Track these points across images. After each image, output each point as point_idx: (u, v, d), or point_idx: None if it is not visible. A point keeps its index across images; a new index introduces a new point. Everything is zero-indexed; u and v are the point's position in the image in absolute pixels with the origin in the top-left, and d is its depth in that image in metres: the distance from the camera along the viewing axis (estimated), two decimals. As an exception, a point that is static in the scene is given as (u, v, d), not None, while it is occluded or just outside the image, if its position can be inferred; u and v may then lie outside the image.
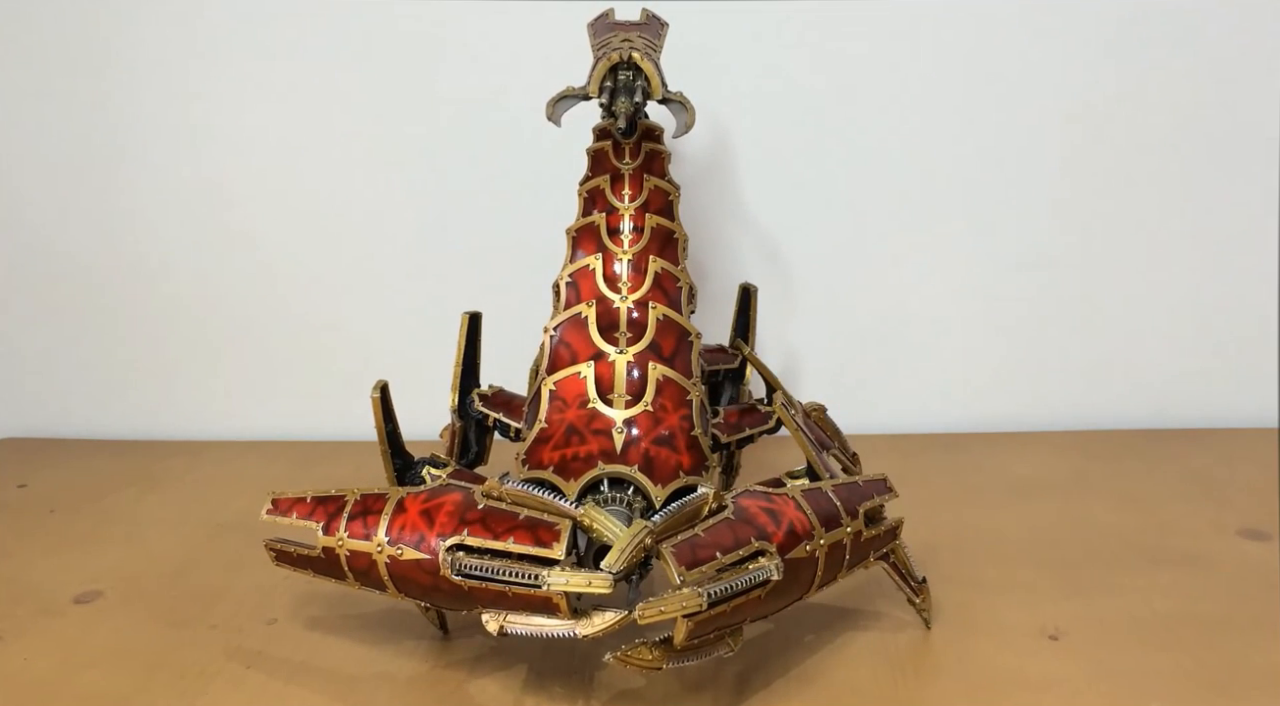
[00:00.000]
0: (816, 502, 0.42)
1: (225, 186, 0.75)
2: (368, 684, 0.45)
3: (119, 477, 0.70)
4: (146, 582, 0.55)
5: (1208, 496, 0.62)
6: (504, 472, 0.43)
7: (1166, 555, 0.55)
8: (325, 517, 0.43)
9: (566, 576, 0.37)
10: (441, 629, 0.48)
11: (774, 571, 0.38)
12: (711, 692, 0.43)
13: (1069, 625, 0.48)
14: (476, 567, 0.39)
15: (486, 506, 0.40)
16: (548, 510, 0.39)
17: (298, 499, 0.44)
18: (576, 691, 0.43)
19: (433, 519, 0.40)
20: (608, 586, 0.37)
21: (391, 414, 0.47)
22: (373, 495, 0.43)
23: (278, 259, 0.76)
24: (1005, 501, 0.62)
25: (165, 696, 0.44)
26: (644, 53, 0.46)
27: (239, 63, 0.73)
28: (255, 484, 0.68)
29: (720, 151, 0.73)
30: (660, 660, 0.38)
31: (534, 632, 0.39)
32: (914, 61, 0.71)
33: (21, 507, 0.66)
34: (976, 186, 0.73)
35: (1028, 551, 0.55)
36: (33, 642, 0.49)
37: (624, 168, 0.47)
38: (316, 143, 0.74)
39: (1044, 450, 0.70)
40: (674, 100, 0.46)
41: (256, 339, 0.78)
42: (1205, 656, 0.45)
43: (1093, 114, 0.71)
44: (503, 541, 0.38)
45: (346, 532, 0.42)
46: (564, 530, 0.38)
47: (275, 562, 0.45)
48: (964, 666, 0.45)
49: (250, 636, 0.49)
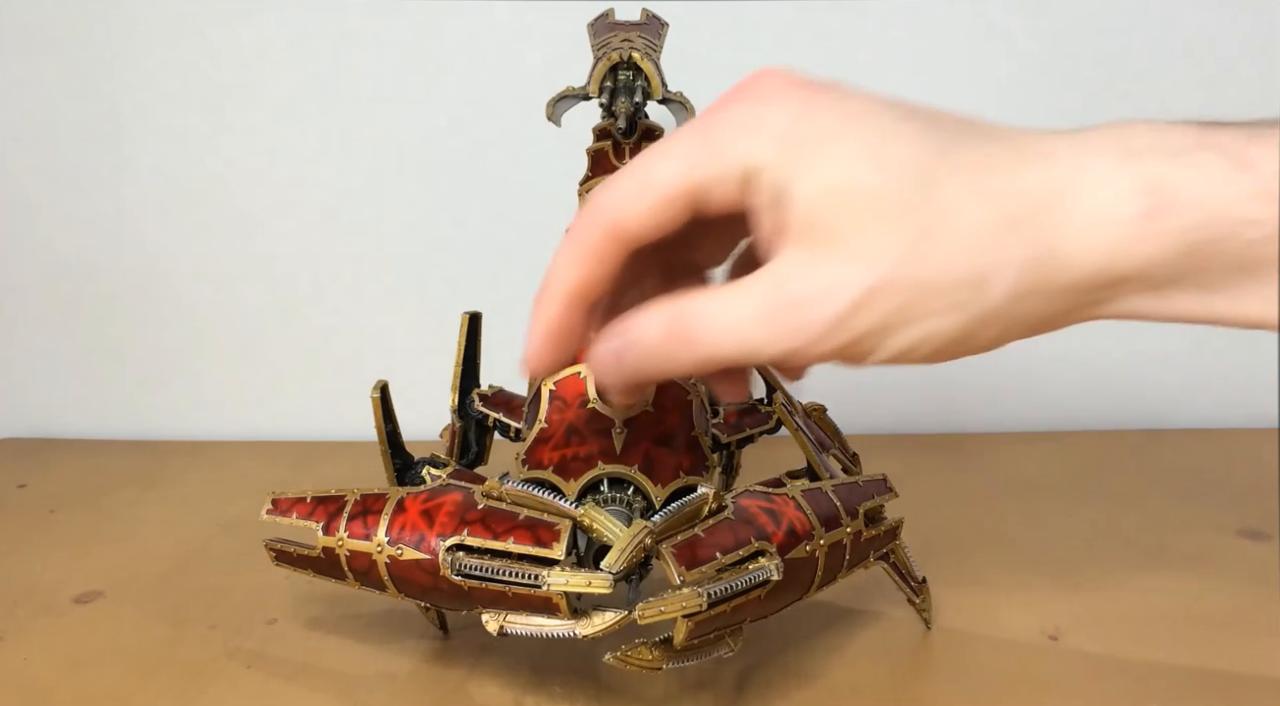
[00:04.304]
0: (816, 502, 0.42)
1: (225, 187, 0.75)
2: (368, 684, 0.45)
3: (119, 477, 0.70)
4: (146, 582, 0.55)
5: (1208, 496, 0.62)
6: (504, 473, 0.43)
7: (1166, 555, 0.55)
8: (325, 517, 0.43)
9: (567, 576, 0.37)
10: (441, 629, 0.48)
11: (774, 571, 0.38)
12: (711, 692, 0.43)
13: (1069, 625, 0.48)
14: (476, 567, 0.39)
15: (486, 506, 0.40)
16: (548, 510, 0.39)
17: (298, 499, 0.44)
18: (576, 691, 0.43)
19: (433, 519, 0.40)
20: (607, 586, 0.37)
21: (391, 414, 0.47)
22: (373, 495, 0.43)
23: (278, 259, 0.76)
24: (1005, 501, 0.62)
25: (165, 696, 0.44)
26: (644, 53, 0.46)
27: (237, 63, 0.73)
28: (255, 484, 0.68)
29: (720, 151, 0.73)
30: (660, 660, 0.38)
31: (534, 633, 0.39)
32: (914, 61, 0.71)
33: (21, 507, 0.66)
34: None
35: (1028, 551, 0.55)
36: (33, 642, 0.49)
37: (624, 168, 0.47)
38: (316, 143, 0.74)
39: (1044, 450, 0.70)
40: (674, 100, 0.46)
41: (256, 339, 0.78)
42: (1205, 656, 0.45)
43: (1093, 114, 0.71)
44: (502, 541, 0.38)
45: (346, 532, 0.42)
46: (564, 530, 0.38)
47: (275, 562, 0.45)
48: (964, 666, 0.45)
49: (250, 636, 0.49)
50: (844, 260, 0.30)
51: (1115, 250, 0.29)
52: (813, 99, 0.32)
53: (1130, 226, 0.29)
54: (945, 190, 0.30)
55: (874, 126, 0.31)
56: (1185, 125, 0.30)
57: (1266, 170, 0.28)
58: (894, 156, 0.30)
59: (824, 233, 0.30)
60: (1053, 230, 0.29)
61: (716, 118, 0.32)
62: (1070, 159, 0.30)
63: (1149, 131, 0.30)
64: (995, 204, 0.30)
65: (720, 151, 0.31)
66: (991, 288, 0.30)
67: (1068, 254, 0.29)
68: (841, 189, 0.30)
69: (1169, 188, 0.29)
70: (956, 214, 0.30)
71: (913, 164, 0.30)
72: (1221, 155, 0.29)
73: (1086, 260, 0.29)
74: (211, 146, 0.75)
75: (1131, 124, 0.30)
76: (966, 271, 0.30)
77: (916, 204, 0.30)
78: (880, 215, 0.30)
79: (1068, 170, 0.30)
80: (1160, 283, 0.30)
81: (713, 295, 0.32)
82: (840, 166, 0.30)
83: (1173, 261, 0.29)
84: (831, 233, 0.30)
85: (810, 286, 0.30)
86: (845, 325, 0.30)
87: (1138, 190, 0.29)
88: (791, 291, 0.31)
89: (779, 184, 0.31)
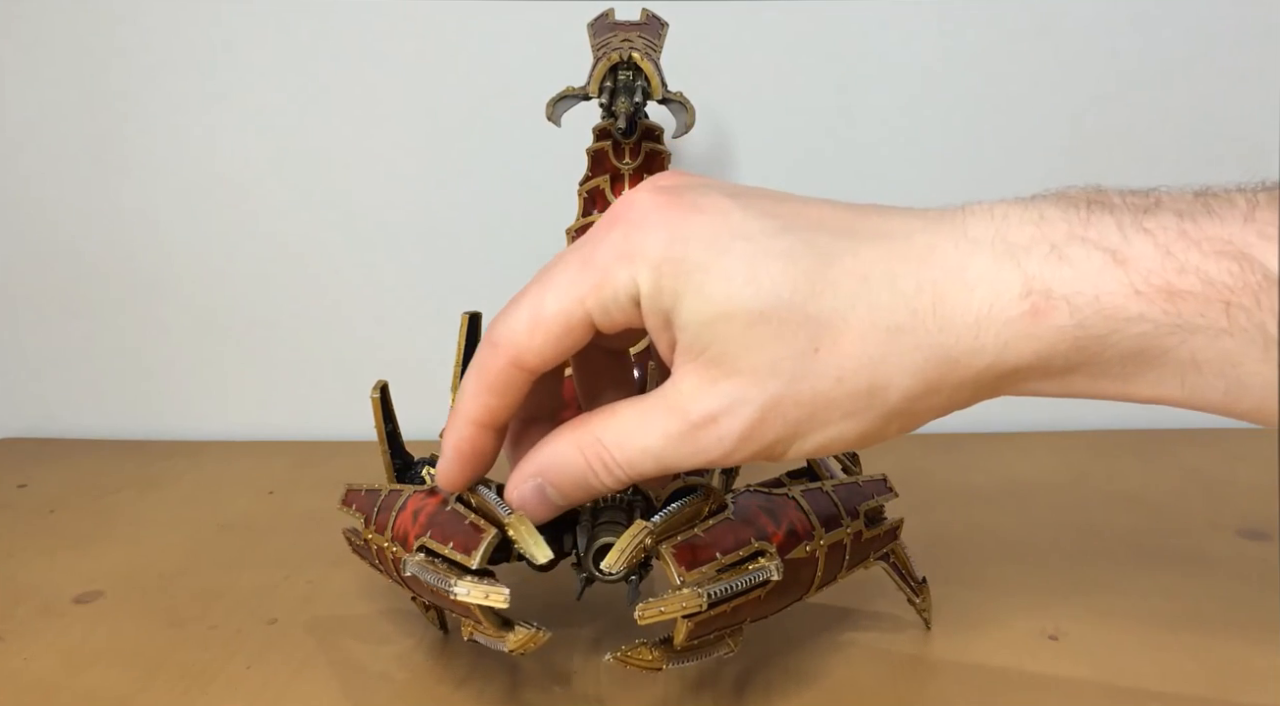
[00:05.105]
0: (816, 502, 0.42)
1: (226, 187, 0.75)
2: (368, 684, 0.45)
3: (119, 477, 0.70)
4: (146, 582, 0.55)
5: (1208, 496, 0.62)
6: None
7: (1166, 555, 0.55)
8: (369, 511, 0.43)
9: (468, 586, 0.36)
10: (441, 629, 0.48)
11: (774, 571, 0.38)
12: (711, 692, 0.43)
13: (1069, 625, 0.48)
14: (421, 571, 0.38)
15: (451, 510, 0.40)
16: (486, 516, 0.39)
17: (369, 490, 0.45)
18: (577, 691, 0.43)
19: (417, 519, 0.41)
20: (503, 601, 0.36)
21: (391, 414, 0.47)
22: (395, 491, 0.43)
23: (278, 259, 0.76)
24: (1005, 501, 0.62)
25: (165, 696, 0.44)
26: (644, 53, 0.46)
27: (237, 63, 0.73)
28: (255, 484, 0.68)
29: (720, 151, 0.73)
30: (660, 660, 0.38)
31: (488, 643, 0.38)
32: (915, 61, 0.71)
33: (21, 507, 0.66)
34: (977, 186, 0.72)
35: (1028, 551, 0.55)
36: (33, 642, 0.49)
37: (624, 168, 0.47)
38: (317, 144, 0.74)
39: (1044, 450, 0.70)
40: (674, 100, 0.46)
41: (256, 339, 0.78)
42: (1205, 656, 0.45)
43: (1095, 114, 0.71)
44: (445, 546, 0.38)
45: (375, 527, 0.42)
46: (486, 538, 0.37)
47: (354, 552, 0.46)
48: (964, 666, 0.45)
49: (250, 636, 0.49)
50: (737, 380, 0.31)
51: (1004, 347, 0.29)
52: (685, 220, 0.32)
53: (1016, 326, 0.29)
54: (825, 304, 0.30)
55: (748, 246, 0.31)
56: (1067, 209, 0.30)
57: (1144, 265, 0.28)
58: (770, 276, 0.31)
59: (715, 355, 0.31)
60: (939, 333, 0.30)
61: (597, 246, 0.33)
62: (950, 257, 0.30)
63: (1030, 221, 0.30)
64: (878, 313, 0.30)
65: (602, 283, 0.32)
66: (887, 393, 0.31)
67: (957, 355, 0.30)
68: (722, 313, 0.31)
69: (1049, 289, 0.29)
70: (841, 327, 0.30)
71: (790, 282, 0.30)
72: (1099, 249, 0.29)
73: (978, 358, 0.30)
74: (211, 147, 0.75)
75: (1011, 209, 0.30)
76: (860, 381, 0.30)
77: (799, 321, 0.30)
78: (765, 335, 0.30)
79: (946, 272, 0.30)
80: (1056, 372, 0.30)
81: (621, 417, 0.34)
82: (718, 291, 0.31)
83: (1063, 354, 0.29)
84: (722, 355, 0.31)
85: (710, 407, 0.31)
86: (752, 438, 0.31)
87: (1019, 292, 0.29)
88: (694, 413, 0.32)
89: (663, 310, 0.31)
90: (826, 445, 0.32)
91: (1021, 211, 0.30)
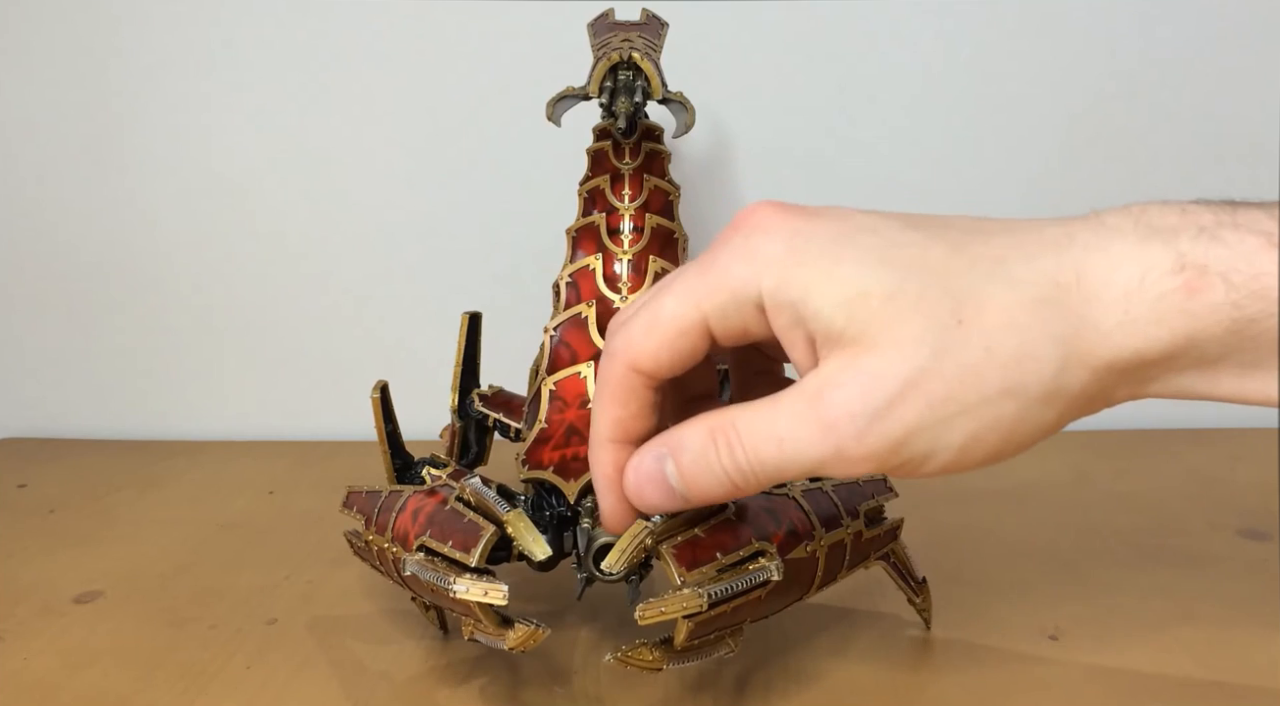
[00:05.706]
0: (816, 502, 0.42)
1: (226, 187, 0.75)
2: (367, 684, 0.45)
3: (119, 478, 0.70)
4: (146, 582, 0.55)
5: (1208, 496, 0.62)
6: (472, 473, 0.43)
7: (1166, 555, 0.55)
8: (370, 512, 0.43)
9: (467, 584, 0.36)
10: (441, 629, 0.48)
11: (774, 571, 0.38)
12: (711, 692, 0.43)
13: (1069, 625, 0.48)
14: (420, 570, 0.38)
15: (451, 508, 0.40)
16: (485, 514, 0.39)
17: (370, 491, 0.45)
18: (577, 691, 0.43)
19: (417, 519, 0.41)
20: (502, 598, 0.36)
21: (391, 414, 0.47)
22: (395, 491, 0.43)
23: (277, 259, 0.76)
24: (1005, 501, 0.62)
25: (165, 696, 0.44)
26: (644, 53, 0.46)
27: (238, 63, 0.73)
28: (255, 484, 0.68)
29: (720, 151, 0.73)
30: (661, 660, 0.38)
31: (488, 642, 0.38)
32: (915, 61, 0.71)
33: (21, 507, 0.66)
34: (977, 186, 0.73)
35: (1028, 551, 0.55)
36: (33, 642, 0.49)
37: (624, 168, 0.47)
38: (316, 144, 0.74)
39: (1044, 450, 0.69)
40: (674, 100, 0.46)
41: (257, 339, 0.78)
42: (1205, 656, 0.45)
43: (1095, 114, 0.71)
44: (444, 545, 0.38)
45: (375, 528, 0.42)
46: (485, 536, 0.38)
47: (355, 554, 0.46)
48: (964, 666, 0.45)
49: (250, 636, 0.49)
50: (879, 355, 0.30)
51: (1158, 322, 0.28)
52: (806, 224, 0.31)
53: (1170, 300, 0.28)
54: (965, 281, 0.29)
55: (876, 236, 0.31)
56: (1209, 204, 0.29)
57: None
58: (903, 257, 0.30)
59: (853, 337, 0.30)
60: (1084, 305, 0.29)
61: (716, 253, 0.32)
62: (1090, 241, 0.29)
63: (1172, 210, 0.29)
64: (1019, 288, 0.29)
65: (721, 283, 0.32)
66: (1035, 363, 0.29)
67: (1107, 328, 0.29)
68: (859, 291, 0.30)
69: (1204, 265, 0.28)
70: (982, 301, 0.29)
71: (925, 262, 0.30)
72: (1253, 232, 0.28)
73: (1127, 334, 0.29)
74: (212, 147, 0.75)
75: (1150, 205, 0.30)
76: (1006, 350, 0.29)
77: (938, 296, 0.29)
78: (904, 310, 0.29)
79: (1087, 251, 0.29)
80: (1210, 359, 0.29)
81: (760, 403, 0.32)
82: (850, 273, 0.30)
83: (1218, 338, 0.28)
84: (860, 335, 0.30)
85: (849, 382, 0.30)
86: (888, 417, 0.30)
87: (1171, 266, 0.28)
88: (827, 392, 0.30)
89: (793, 303, 0.30)
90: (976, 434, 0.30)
91: (1160, 205, 0.29)
